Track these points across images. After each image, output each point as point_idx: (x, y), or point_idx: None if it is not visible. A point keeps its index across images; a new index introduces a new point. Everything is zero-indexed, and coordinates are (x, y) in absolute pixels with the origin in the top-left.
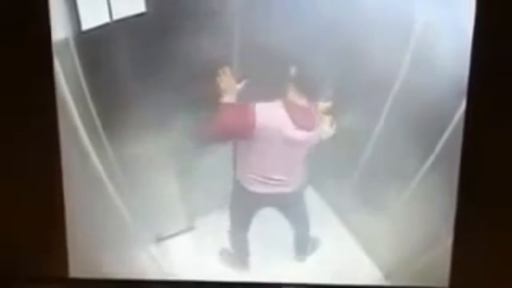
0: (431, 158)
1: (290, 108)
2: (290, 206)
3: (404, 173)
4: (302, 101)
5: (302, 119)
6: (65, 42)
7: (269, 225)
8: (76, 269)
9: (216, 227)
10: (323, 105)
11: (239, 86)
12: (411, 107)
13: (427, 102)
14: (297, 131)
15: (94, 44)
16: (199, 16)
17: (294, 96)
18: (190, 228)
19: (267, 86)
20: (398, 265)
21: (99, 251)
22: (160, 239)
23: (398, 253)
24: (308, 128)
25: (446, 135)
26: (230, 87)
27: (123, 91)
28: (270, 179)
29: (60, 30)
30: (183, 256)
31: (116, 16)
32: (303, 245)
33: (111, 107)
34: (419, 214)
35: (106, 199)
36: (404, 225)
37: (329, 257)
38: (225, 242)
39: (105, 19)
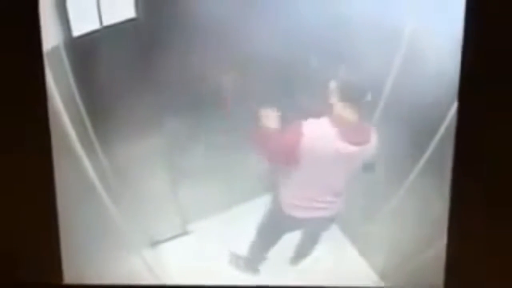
0: (424, 159)
1: (339, 123)
2: (319, 229)
3: (397, 174)
4: (350, 115)
5: (352, 134)
6: (56, 49)
7: None
8: (71, 276)
9: (211, 231)
10: None
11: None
12: (403, 109)
13: (418, 104)
14: (348, 146)
15: (85, 50)
16: (190, 20)
17: (340, 110)
18: (184, 233)
19: (309, 104)
20: (393, 266)
21: (93, 257)
22: (154, 244)
23: (393, 254)
24: (359, 143)
25: (438, 136)
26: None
27: (114, 96)
28: (317, 201)
29: (50, 37)
30: (177, 261)
31: (106, 22)
32: (305, 255)
33: (103, 112)
34: (413, 215)
35: (99, 204)
36: (398, 226)
37: (324, 259)
38: (223, 246)
39: (96, 25)
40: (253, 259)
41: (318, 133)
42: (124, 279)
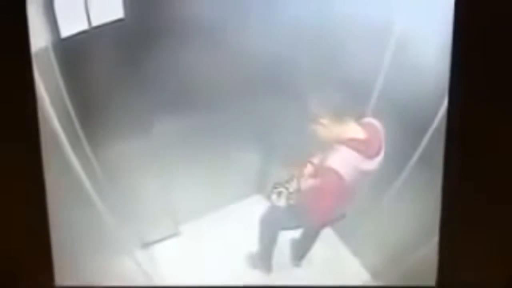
0: (415, 158)
1: (350, 144)
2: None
3: (389, 173)
4: (359, 132)
5: (370, 149)
6: (45, 50)
7: None
8: (62, 278)
9: (203, 232)
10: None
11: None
12: (394, 107)
13: (409, 102)
14: (370, 161)
15: (73, 51)
16: (179, 20)
17: (350, 132)
18: (176, 233)
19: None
20: (385, 265)
21: (85, 258)
22: (145, 245)
23: (385, 253)
24: (378, 151)
25: (429, 134)
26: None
27: (103, 97)
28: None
29: (39, 38)
30: (169, 262)
31: (94, 23)
32: (304, 254)
33: (92, 113)
34: (405, 213)
35: (90, 205)
36: (390, 225)
37: (316, 258)
38: (214, 246)
39: (84, 26)
40: (265, 257)
41: (346, 164)
42: (115, 281)
